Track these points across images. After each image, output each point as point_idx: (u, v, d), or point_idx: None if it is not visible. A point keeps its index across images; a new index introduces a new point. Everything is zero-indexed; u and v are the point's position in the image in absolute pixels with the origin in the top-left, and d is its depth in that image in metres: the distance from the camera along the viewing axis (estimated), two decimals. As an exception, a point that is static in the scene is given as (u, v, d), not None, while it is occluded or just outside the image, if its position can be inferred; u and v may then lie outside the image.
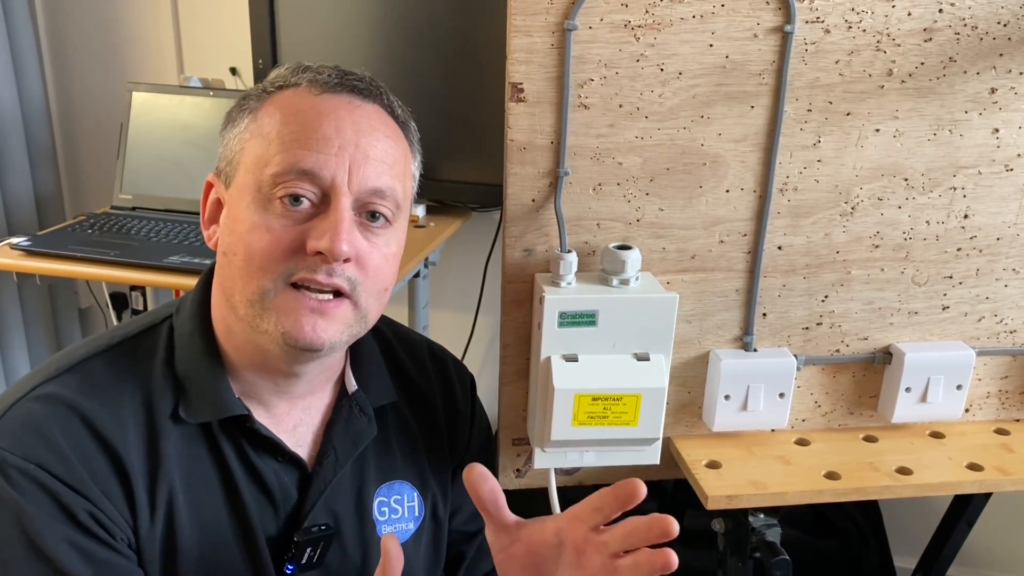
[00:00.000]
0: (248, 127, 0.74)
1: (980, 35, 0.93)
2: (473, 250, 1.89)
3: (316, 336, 0.71)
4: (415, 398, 0.90)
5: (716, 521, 1.03)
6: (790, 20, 0.89)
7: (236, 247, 0.71)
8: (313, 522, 0.79)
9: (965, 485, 0.99)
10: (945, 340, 1.04)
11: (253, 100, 0.75)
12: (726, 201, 0.95)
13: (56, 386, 0.72)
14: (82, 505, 0.69)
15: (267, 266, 0.70)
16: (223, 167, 0.75)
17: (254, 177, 0.71)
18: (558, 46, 0.87)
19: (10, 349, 1.97)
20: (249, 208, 0.71)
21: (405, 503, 0.86)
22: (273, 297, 0.70)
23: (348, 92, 0.73)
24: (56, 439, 0.69)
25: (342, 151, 0.70)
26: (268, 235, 0.70)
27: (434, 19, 1.63)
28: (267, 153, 0.71)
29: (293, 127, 0.71)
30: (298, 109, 0.72)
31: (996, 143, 0.97)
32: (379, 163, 0.72)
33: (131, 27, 1.98)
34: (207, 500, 0.75)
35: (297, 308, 0.70)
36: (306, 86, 0.73)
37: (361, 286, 0.72)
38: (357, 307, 0.73)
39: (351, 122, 0.72)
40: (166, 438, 0.74)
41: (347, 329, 0.73)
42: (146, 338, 0.78)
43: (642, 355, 0.90)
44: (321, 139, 0.70)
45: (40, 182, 1.97)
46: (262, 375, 0.77)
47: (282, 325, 0.70)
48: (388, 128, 0.75)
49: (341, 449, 0.81)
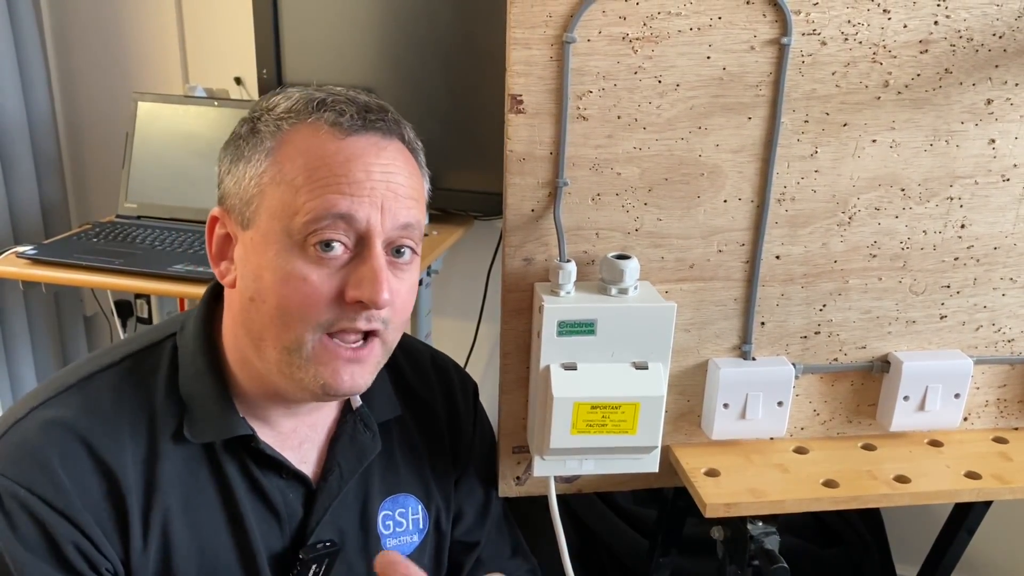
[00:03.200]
0: (268, 170, 0.71)
1: (976, 47, 0.93)
2: (475, 258, 1.90)
3: (354, 384, 0.73)
4: (419, 410, 0.90)
5: (715, 529, 1.03)
6: (787, 32, 0.90)
7: (266, 295, 0.70)
8: (318, 538, 0.79)
9: (963, 493, 1.00)
10: (943, 349, 1.05)
11: (268, 138, 0.72)
12: (724, 211, 0.96)
13: (57, 406, 0.73)
14: (68, 535, 0.69)
15: (306, 317, 0.70)
16: (237, 206, 0.73)
17: (282, 224, 0.70)
18: (557, 58, 0.88)
19: (16, 356, 1.98)
20: (280, 256, 0.70)
21: (410, 516, 0.87)
22: (311, 348, 0.70)
23: (372, 133, 0.72)
24: (51, 464, 0.69)
25: (374, 193, 0.70)
26: (305, 286, 0.69)
27: (437, 29, 1.64)
28: (296, 200, 0.69)
29: (324, 173, 0.70)
30: (324, 154, 0.70)
31: (992, 153, 0.98)
32: (406, 199, 0.73)
33: (136, 37, 1.99)
34: (207, 521, 0.75)
35: (335, 360, 0.71)
36: (328, 129, 0.71)
37: (391, 324, 0.74)
38: (385, 343, 0.75)
39: (379, 165, 0.71)
40: (166, 459, 0.74)
41: (377, 368, 0.76)
42: (149, 356, 0.78)
43: (641, 364, 0.91)
44: (354, 183, 0.69)
45: (46, 191, 1.99)
46: (272, 400, 0.77)
47: (321, 377, 0.71)
48: (409, 164, 0.75)
49: (346, 465, 0.81)
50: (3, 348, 1.95)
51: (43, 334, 2.05)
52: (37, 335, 2.03)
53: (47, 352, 2.06)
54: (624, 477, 1.03)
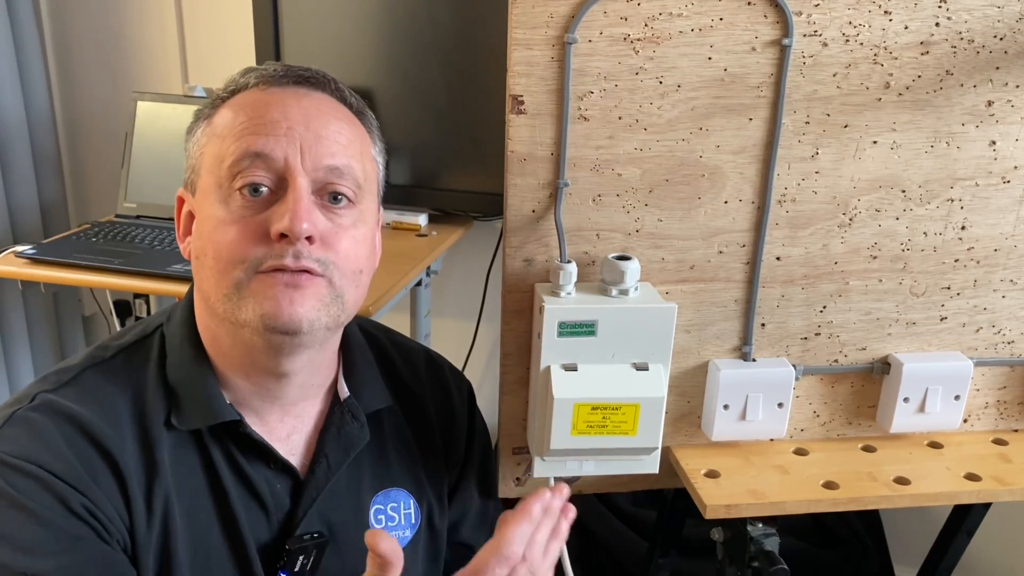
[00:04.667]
0: (204, 132, 0.76)
1: (977, 48, 0.94)
2: (475, 259, 1.90)
3: (293, 310, 0.70)
4: (410, 404, 0.90)
5: (715, 530, 1.03)
6: (788, 34, 0.90)
7: (205, 248, 0.73)
8: (306, 530, 0.79)
9: (963, 495, 1.00)
10: (943, 351, 1.05)
11: (208, 108, 0.77)
12: (725, 212, 0.96)
13: (55, 397, 0.73)
14: (81, 501, 0.69)
15: (236, 258, 0.70)
16: (189, 177, 0.77)
17: (215, 176, 0.73)
18: (558, 59, 0.88)
19: (14, 356, 1.98)
20: (212, 208, 0.72)
21: (402, 510, 0.87)
22: (247, 285, 0.70)
23: (295, 83, 0.76)
24: (56, 442, 0.70)
25: (291, 131, 0.72)
26: (233, 228, 0.71)
27: (437, 30, 1.64)
28: (222, 149, 0.73)
29: (242, 119, 0.73)
30: (247, 103, 0.74)
31: (993, 155, 0.98)
32: (332, 143, 0.73)
33: (136, 37, 1.99)
34: (198, 508, 0.76)
35: (272, 287, 0.70)
36: (255, 83, 0.75)
37: (333, 265, 0.72)
38: (332, 285, 0.73)
39: (299, 108, 0.73)
40: (161, 446, 0.74)
41: (324, 308, 0.72)
42: (139, 348, 0.79)
43: (641, 365, 0.91)
44: (269, 123, 0.72)
45: (45, 190, 1.99)
46: (252, 380, 0.77)
47: (260, 308, 0.70)
48: (339, 112, 0.76)
49: (333, 456, 0.81)
50: (2, 348, 1.94)
51: (42, 334, 2.05)
52: (36, 335, 2.03)
53: (46, 352, 2.06)
54: (624, 478, 1.03)
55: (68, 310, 2.13)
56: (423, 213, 1.75)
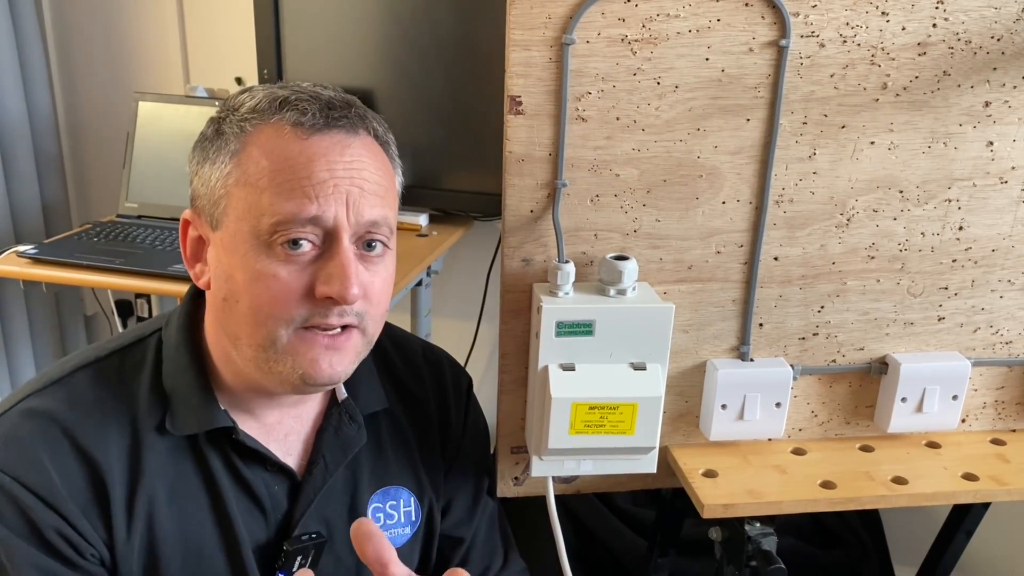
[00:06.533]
0: (232, 172, 0.72)
1: (974, 49, 0.94)
2: (475, 259, 1.90)
3: (333, 371, 0.72)
4: (409, 403, 0.91)
5: (713, 530, 1.03)
6: (785, 34, 0.90)
7: (239, 295, 0.71)
8: (304, 530, 0.80)
9: (961, 495, 1.00)
10: (941, 351, 1.05)
11: (232, 140, 0.72)
12: (722, 212, 0.96)
13: (42, 399, 0.74)
14: (51, 522, 0.70)
15: (278, 314, 0.70)
16: (206, 207, 0.74)
17: (249, 225, 0.70)
18: (556, 60, 0.88)
19: (16, 356, 1.99)
20: (248, 256, 0.70)
21: (401, 508, 0.87)
22: (286, 342, 0.71)
23: (335, 131, 0.72)
24: (36, 452, 0.71)
25: (337, 189, 0.70)
26: (276, 283, 0.70)
27: (437, 30, 1.64)
28: (260, 202, 0.70)
29: (288, 175, 0.70)
30: (287, 155, 0.70)
31: (991, 156, 0.98)
32: (373, 196, 0.72)
33: (137, 38, 2.00)
34: (192, 511, 0.76)
35: (313, 348, 0.71)
36: (291, 129, 0.71)
37: (368, 316, 0.74)
38: (364, 334, 0.75)
39: (343, 163, 0.71)
40: (150, 450, 0.75)
41: (357, 357, 0.76)
42: (135, 351, 0.79)
43: (639, 364, 0.91)
44: (318, 184, 0.70)
45: (47, 191, 1.99)
46: (255, 392, 0.78)
47: (299, 367, 0.71)
48: (376, 158, 0.75)
49: (331, 457, 0.81)
50: (3, 347, 1.95)
51: (43, 334, 2.05)
52: (37, 335, 2.04)
53: (47, 352, 2.06)
54: (622, 478, 1.03)
55: (70, 310, 2.14)
56: (423, 213, 1.76)
